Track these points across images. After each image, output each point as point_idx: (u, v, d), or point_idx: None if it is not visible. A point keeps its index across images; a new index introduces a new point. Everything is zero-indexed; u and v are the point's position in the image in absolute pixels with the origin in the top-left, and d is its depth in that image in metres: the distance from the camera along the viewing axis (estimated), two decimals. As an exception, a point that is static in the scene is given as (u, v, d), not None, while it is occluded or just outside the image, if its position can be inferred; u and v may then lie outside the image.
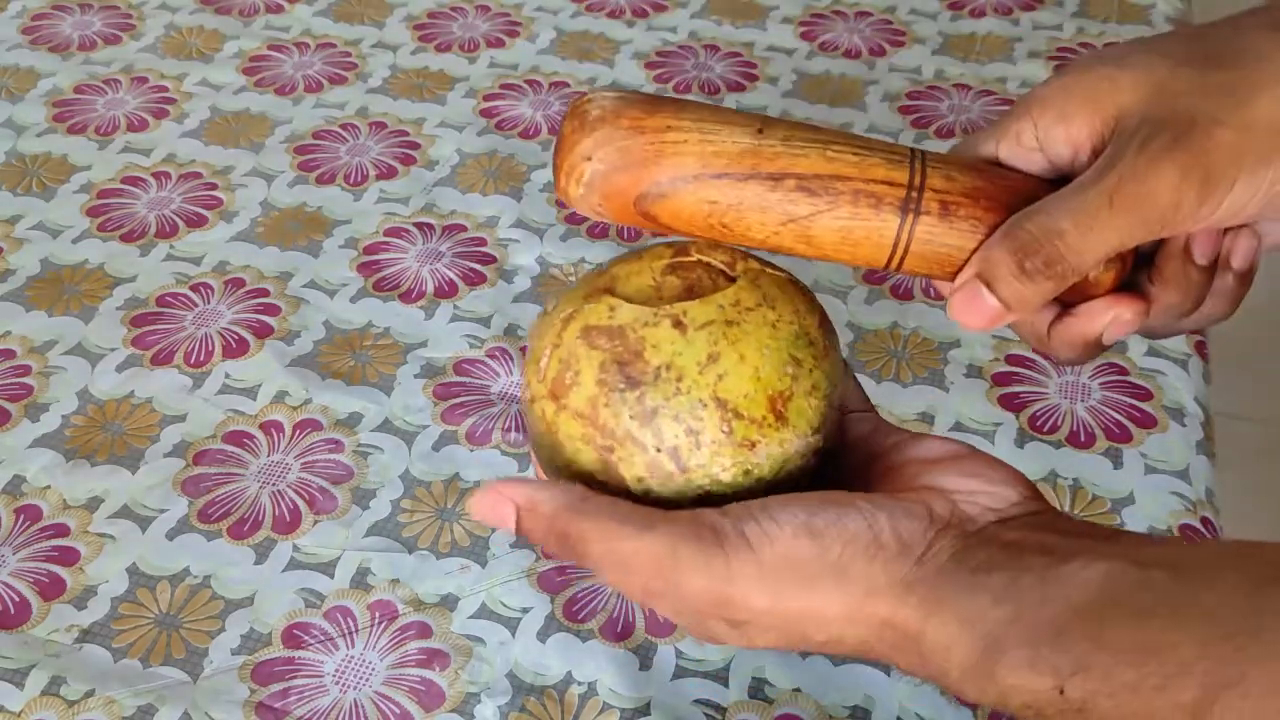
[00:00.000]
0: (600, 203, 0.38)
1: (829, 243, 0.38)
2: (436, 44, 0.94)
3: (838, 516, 0.34)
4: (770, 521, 0.34)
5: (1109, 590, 0.31)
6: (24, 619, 0.55)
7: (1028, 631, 0.32)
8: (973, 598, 0.33)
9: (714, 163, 0.37)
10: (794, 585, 0.34)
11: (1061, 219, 0.37)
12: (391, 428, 0.64)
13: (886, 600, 0.34)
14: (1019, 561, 0.33)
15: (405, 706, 0.52)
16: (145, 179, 0.81)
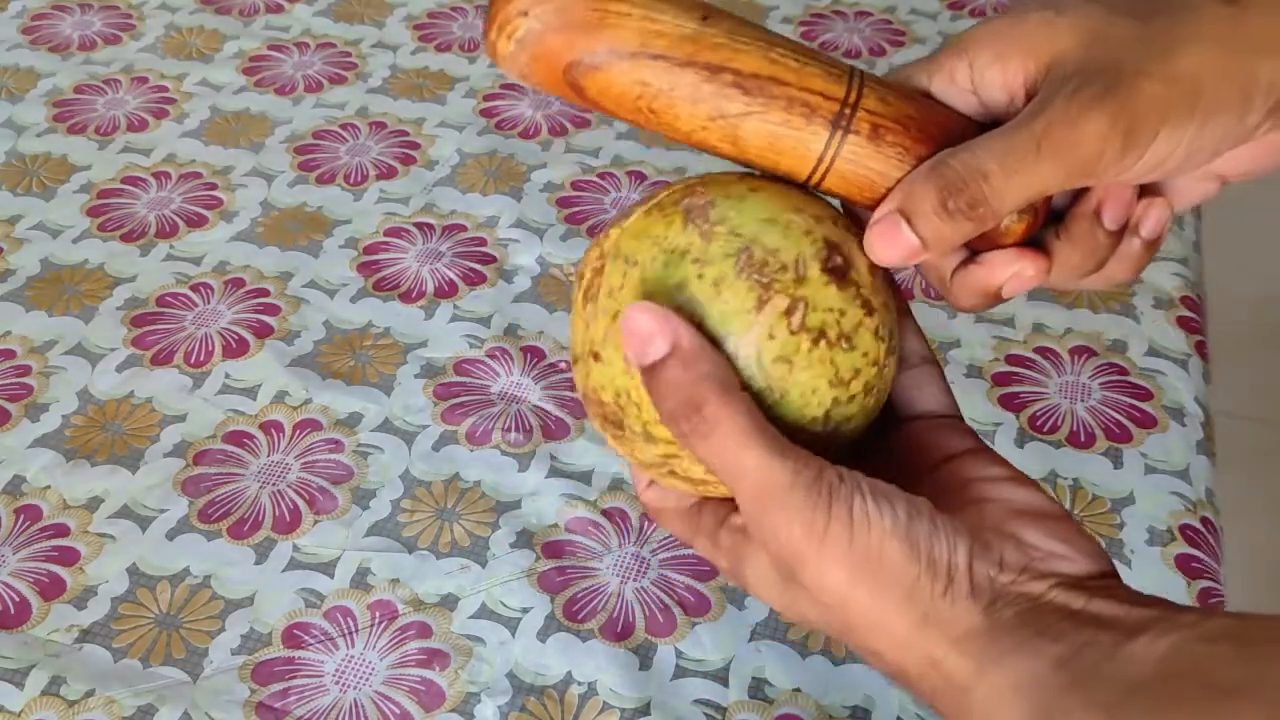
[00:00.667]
0: (528, 63, 0.36)
1: (754, 146, 0.37)
2: (436, 44, 0.94)
3: (929, 534, 0.34)
4: (875, 505, 0.33)
5: (1173, 665, 0.31)
6: (24, 619, 0.55)
7: (1085, 702, 0.31)
8: (1033, 661, 0.32)
9: (654, 42, 0.36)
10: (871, 581, 0.33)
11: (988, 160, 0.37)
12: (391, 428, 0.64)
13: (942, 642, 0.33)
14: (1085, 634, 0.32)
15: (405, 706, 0.52)
16: (145, 179, 0.81)
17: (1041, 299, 0.72)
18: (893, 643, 0.34)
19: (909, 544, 0.33)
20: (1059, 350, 0.69)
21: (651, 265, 0.36)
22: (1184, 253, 0.75)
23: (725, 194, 0.36)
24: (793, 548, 0.33)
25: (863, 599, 0.33)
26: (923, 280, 0.73)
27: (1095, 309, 0.71)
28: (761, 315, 0.35)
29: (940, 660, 0.33)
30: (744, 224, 0.36)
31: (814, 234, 0.36)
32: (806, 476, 0.33)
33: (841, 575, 0.33)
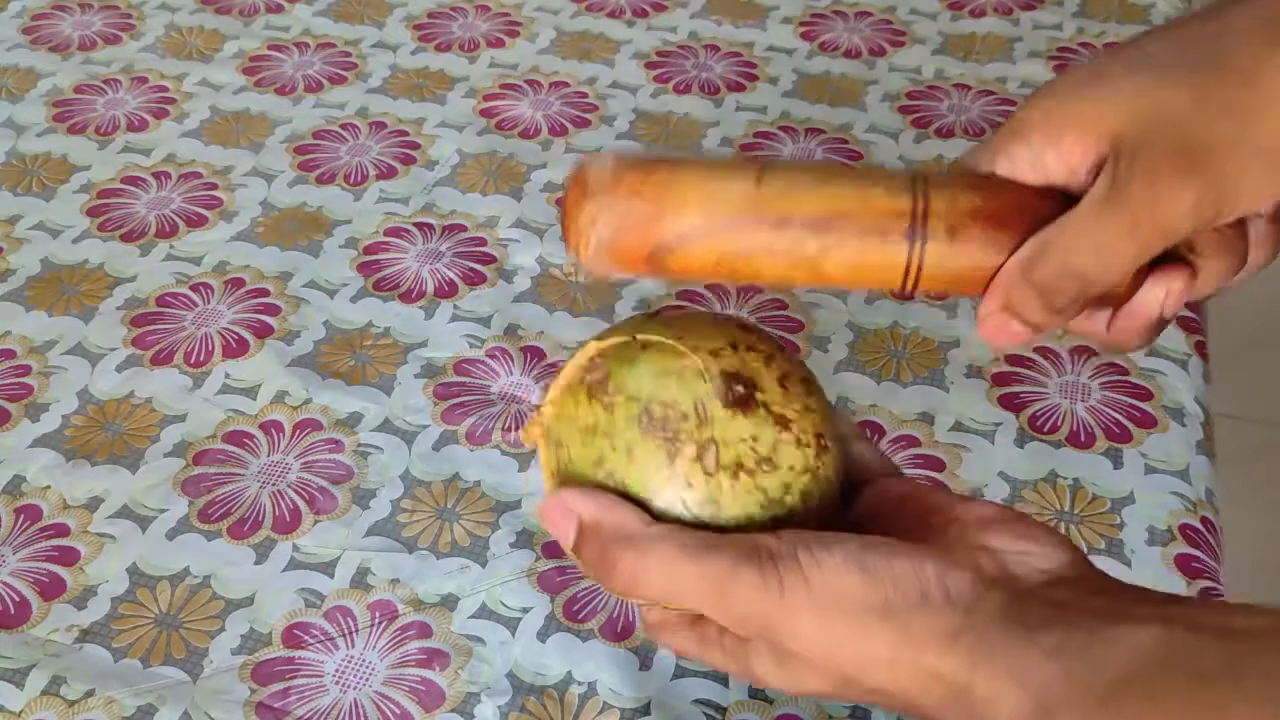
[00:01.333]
0: (613, 262, 0.39)
1: (841, 276, 0.39)
2: (436, 44, 0.94)
3: (887, 557, 0.34)
4: (822, 550, 0.34)
5: (1164, 654, 0.31)
6: (24, 619, 0.55)
7: (1081, 692, 0.31)
8: (1024, 652, 0.32)
9: (718, 216, 0.38)
10: (841, 616, 0.34)
11: (1082, 256, 0.38)
12: (391, 428, 0.64)
13: (933, 650, 0.33)
14: (1070, 620, 0.33)
15: (405, 706, 0.52)
16: (145, 179, 0.81)
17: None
18: (885, 668, 0.34)
19: (865, 570, 0.34)
20: (1059, 350, 0.69)
21: (574, 446, 0.37)
22: (1184, 253, 0.75)
23: (619, 360, 0.38)
24: (761, 620, 0.34)
25: (841, 635, 0.34)
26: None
27: (1095, 309, 0.71)
28: (675, 468, 0.36)
29: (936, 669, 0.33)
30: (639, 386, 0.37)
31: (709, 372, 0.37)
32: (743, 553, 0.34)
33: (813, 622, 0.34)
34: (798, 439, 0.37)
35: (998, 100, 0.88)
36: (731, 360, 0.37)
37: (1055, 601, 0.34)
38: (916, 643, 0.33)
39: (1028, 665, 0.32)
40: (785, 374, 0.38)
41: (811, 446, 0.37)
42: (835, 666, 0.35)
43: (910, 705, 0.35)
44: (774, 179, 0.38)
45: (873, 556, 0.34)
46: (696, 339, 0.37)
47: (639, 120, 0.86)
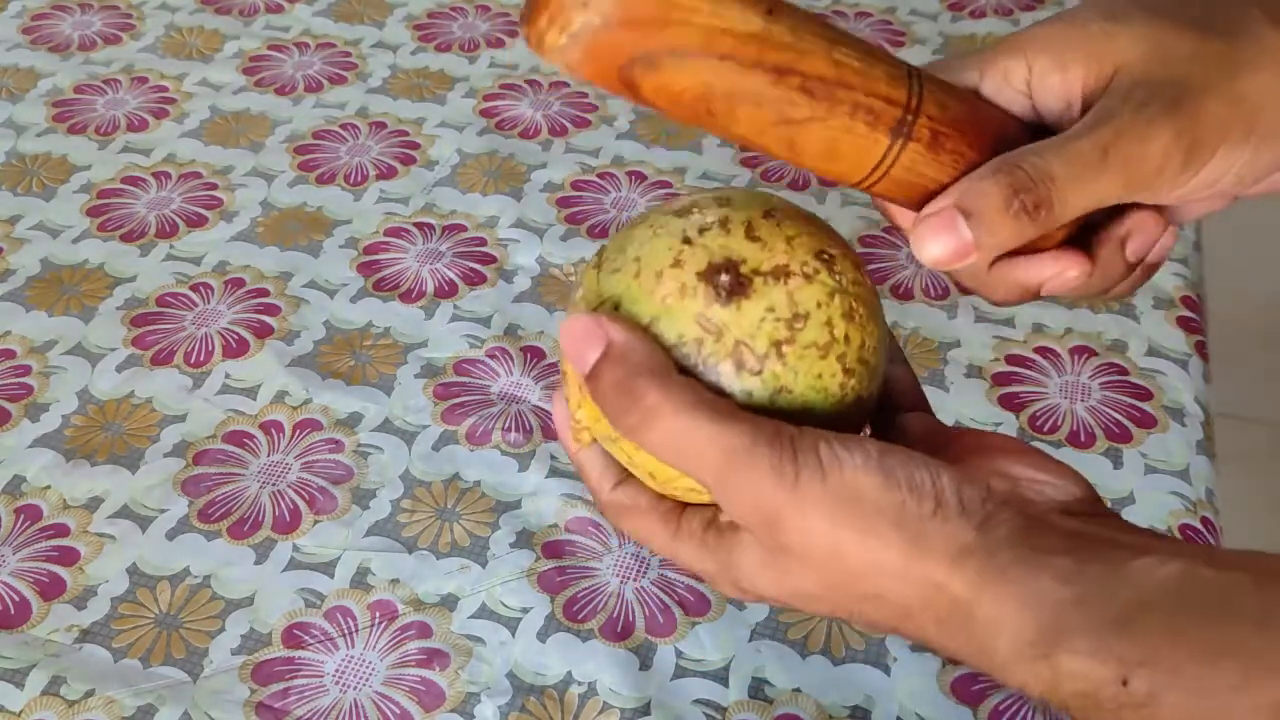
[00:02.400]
0: (580, 58, 0.33)
1: (810, 153, 0.36)
2: (436, 44, 0.94)
3: (905, 462, 0.33)
4: (843, 449, 0.33)
5: (1185, 590, 0.30)
6: (24, 619, 0.55)
7: (1094, 618, 0.30)
8: (1035, 575, 0.31)
9: (720, 41, 0.33)
10: (853, 516, 0.32)
11: (1055, 164, 0.37)
12: (391, 428, 0.64)
13: (941, 562, 0.32)
14: (1085, 549, 0.32)
15: (405, 706, 0.52)
16: (145, 179, 0.81)
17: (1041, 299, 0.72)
18: (891, 576, 0.33)
19: (884, 474, 0.33)
20: (1059, 350, 0.69)
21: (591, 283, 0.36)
22: (1184, 253, 0.75)
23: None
24: (769, 505, 0.33)
25: (850, 539, 0.32)
26: (923, 279, 0.73)
27: (1095, 309, 0.71)
28: (684, 273, 0.34)
29: (942, 583, 0.32)
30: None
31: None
32: (765, 434, 0.33)
33: (822, 519, 0.32)
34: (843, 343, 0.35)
35: (998, 100, 0.88)
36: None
37: (1069, 531, 0.33)
38: (927, 553, 0.32)
39: (1038, 589, 0.31)
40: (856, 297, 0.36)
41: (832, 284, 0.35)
42: (838, 567, 0.33)
43: (904, 616, 0.33)
44: (783, 18, 0.34)
45: (892, 461, 0.33)
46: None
47: (639, 120, 0.86)
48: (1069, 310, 0.71)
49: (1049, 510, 0.33)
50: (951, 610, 0.32)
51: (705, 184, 0.80)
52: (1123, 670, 0.30)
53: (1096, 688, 0.30)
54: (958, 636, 0.33)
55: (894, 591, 0.33)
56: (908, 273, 0.73)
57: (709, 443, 0.33)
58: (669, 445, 0.33)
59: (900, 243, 0.75)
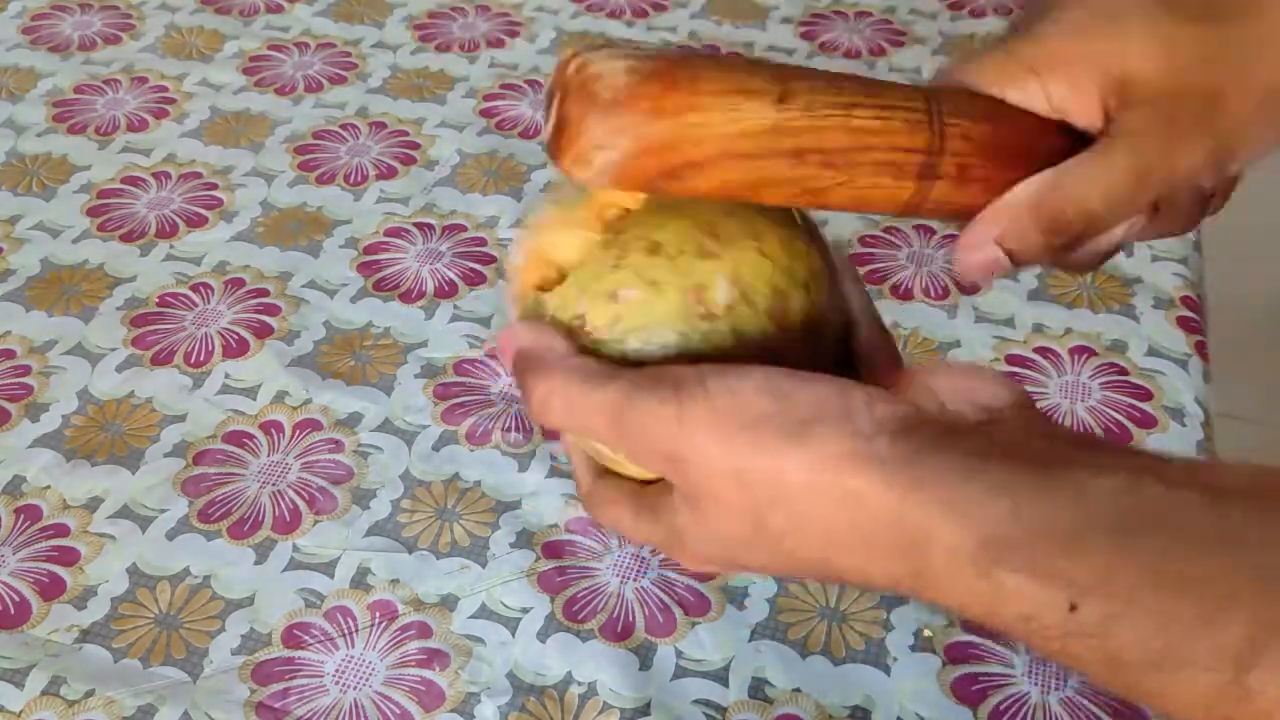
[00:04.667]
0: (609, 184, 0.35)
1: (842, 205, 0.37)
2: (436, 44, 0.94)
3: (808, 382, 0.31)
4: (737, 376, 0.32)
5: (1133, 505, 0.27)
6: (24, 619, 0.55)
7: (1034, 533, 0.28)
8: (962, 482, 0.29)
9: (736, 145, 0.35)
10: (745, 435, 0.31)
11: (1093, 198, 0.37)
12: (391, 428, 0.64)
13: (855, 470, 0.30)
14: (1018, 457, 0.29)
15: (405, 706, 0.52)
16: (145, 179, 0.81)
17: (1041, 299, 0.72)
18: (803, 493, 0.30)
19: (778, 394, 0.31)
20: (1059, 350, 0.69)
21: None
22: (1184, 253, 0.75)
23: None
24: (663, 444, 0.32)
25: (746, 456, 0.31)
26: (923, 279, 0.73)
27: (1095, 309, 0.71)
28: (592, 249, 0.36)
29: (860, 492, 0.30)
30: None
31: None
32: (644, 380, 0.32)
33: (715, 443, 0.31)
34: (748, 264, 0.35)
35: (998, 100, 0.88)
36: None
37: (999, 439, 0.30)
38: (835, 461, 0.30)
39: (967, 498, 0.28)
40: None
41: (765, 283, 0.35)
42: (748, 497, 0.31)
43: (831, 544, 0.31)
44: (796, 100, 0.35)
45: (791, 381, 0.31)
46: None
47: (639, 120, 0.86)
48: (1069, 310, 0.71)
49: (977, 421, 0.31)
50: (875, 526, 0.30)
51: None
52: (1070, 594, 0.27)
53: (1041, 611, 0.28)
54: (889, 556, 0.30)
55: (813, 515, 0.31)
56: (908, 273, 0.73)
57: (596, 408, 0.33)
58: (568, 424, 0.34)
59: (900, 243, 0.76)
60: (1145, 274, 0.73)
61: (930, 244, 0.76)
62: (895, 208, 0.38)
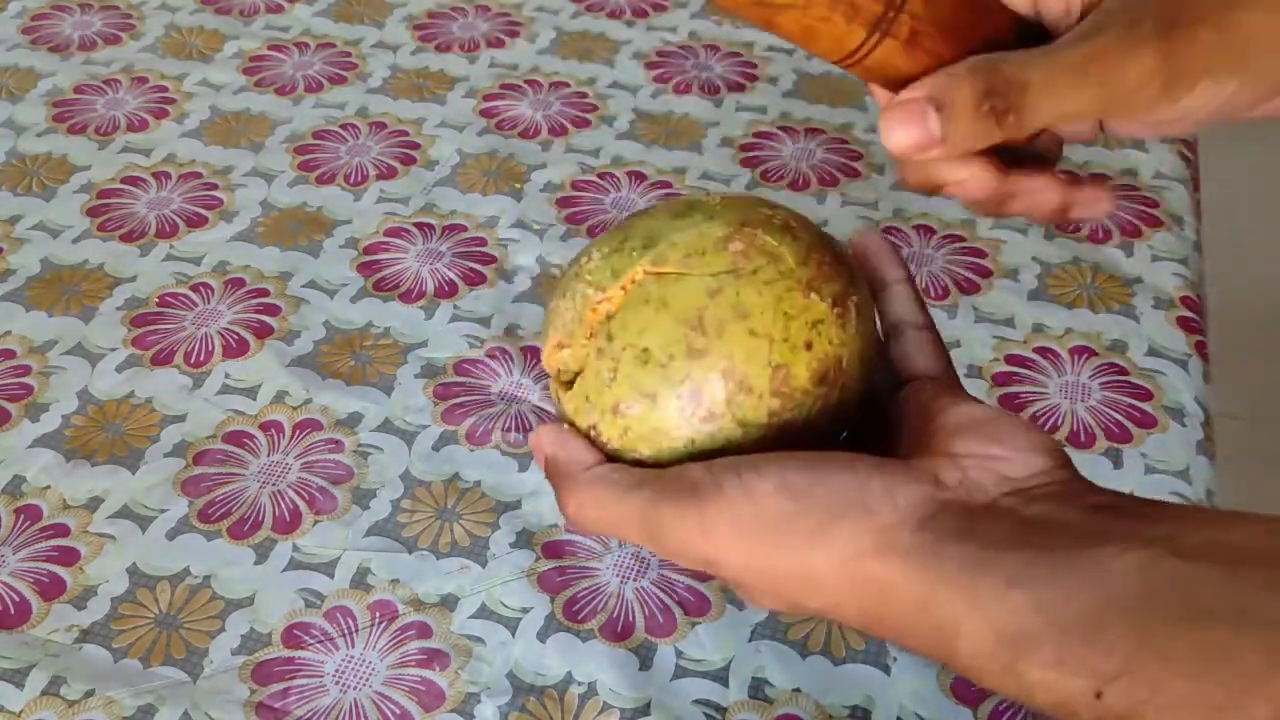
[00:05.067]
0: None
1: (788, 31, 0.37)
2: (436, 44, 0.94)
3: (825, 476, 0.32)
4: (753, 475, 0.32)
5: (1150, 585, 0.28)
6: (24, 619, 0.55)
7: (1055, 623, 0.28)
8: (983, 576, 0.29)
9: None
10: (767, 542, 0.32)
11: (1033, 72, 0.36)
12: (391, 428, 0.64)
13: (879, 564, 0.31)
14: (1039, 541, 0.30)
15: (405, 706, 0.52)
16: (145, 179, 0.81)
17: (1041, 299, 0.72)
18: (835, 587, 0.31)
19: (793, 495, 0.32)
20: (1059, 350, 0.69)
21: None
22: (1184, 253, 0.75)
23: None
24: (691, 554, 0.33)
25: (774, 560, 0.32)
26: (923, 279, 0.73)
27: (1095, 309, 0.71)
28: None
29: (887, 582, 0.31)
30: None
31: None
32: (666, 487, 0.34)
33: (737, 551, 0.32)
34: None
35: (998, 100, 0.88)
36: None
37: (1021, 518, 0.31)
38: (858, 556, 0.31)
39: (987, 592, 0.29)
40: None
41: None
42: (779, 588, 0.33)
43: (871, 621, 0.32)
44: None
45: (806, 476, 0.32)
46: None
47: (639, 120, 0.86)
48: (1069, 310, 0.71)
49: (1001, 494, 0.32)
50: (905, 614, 0.31)
51: (705, 184, 0.80)
52: (1095, 683, 0.28)
53: (1070, 699, 0.28)
54: (922, 639, 0.31)
55: (845, 601, 0.32)
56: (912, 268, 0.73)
57: (623, 519, 0.34)
58: (603, 531, 0.36)
59: (900, 243, 0.75)
60: (1145, 274, 0.73)
61: (930, 244, 0.76)
62: (838, 53, 0.37)
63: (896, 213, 0.78)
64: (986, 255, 0.75)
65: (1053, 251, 0.75)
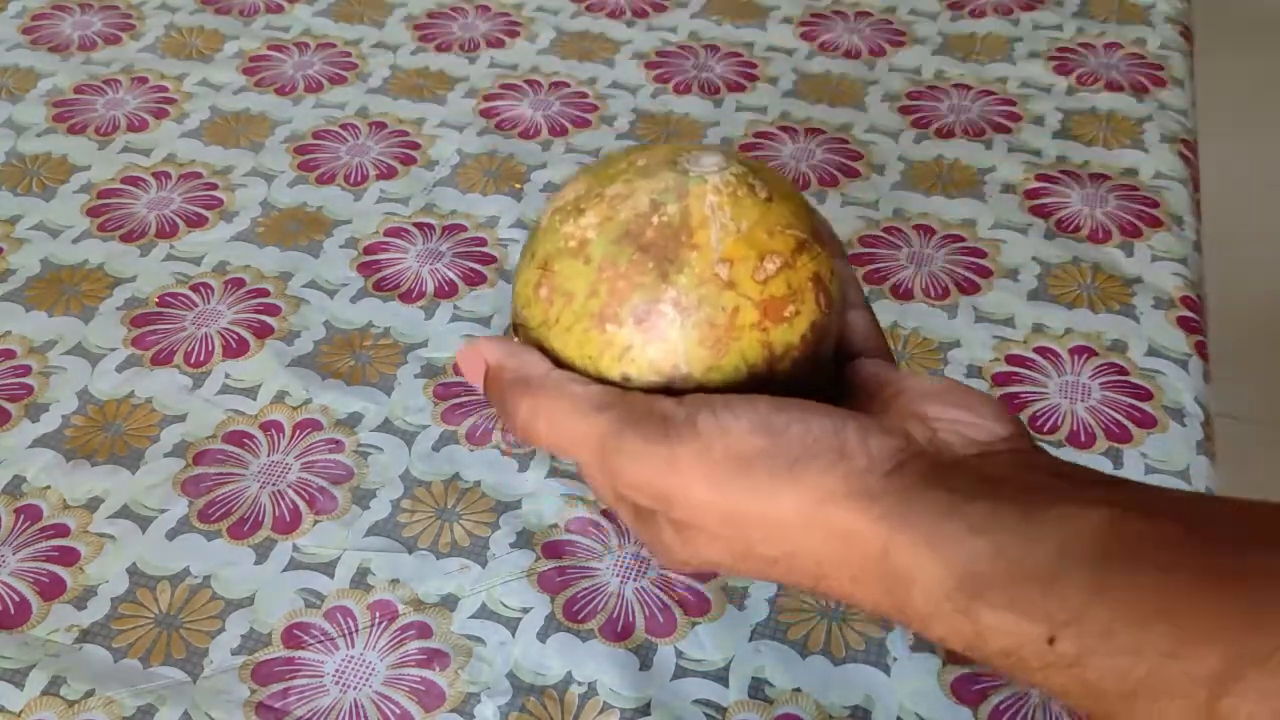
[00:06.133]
0: None
1: None
2: (436, 44, 0.94)
3: (802, 417, 0.31)
4: (728, 414, 0.32)
5: (1112, 539, 0.28)
6: (24, 619, 0.55)
7: (1014, 570, 0.28)
8: (946, 521, 0.29)
9: None
10: (738, 479, 0.31)
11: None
12: (391, 428, 0.64)
13: (844, 509, 0.30)
14: (1002, 494, 0.30)
15: (405, 706, 0.52)
16: (145, 179, 0.81)
17: (1041, 299, 0.72)
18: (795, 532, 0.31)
19: (773, 433, 0.31)
20: (1059, 350, 0.69)
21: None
22: (1184, 253, 0.75)
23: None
24: (651, 486, 0.32)
25: (742, 501, 0.31)
26: (923, 279, 0.73)
27: (1095, 309, 0.71)
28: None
29: (848, 530, 0.30)
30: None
31: None
32: (634, 414, 0.32)
33: (708, 490, 0.31)
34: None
35: (998, 100, 0.88)
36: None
37: (986, 475, 0.31)
38: (828, 499, 0.31)
39: (950, 537, 0.29)
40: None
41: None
42: (735, 532, 0.32)
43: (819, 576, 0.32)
44: None
45: (784, 417, 0.31)
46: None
47: (639, 120, 0.86)
48: (1069, 310, 0.71)
49: (968, 455, 0.32)
50: (863, 562, 0.31)
51: (705, 184, 0.80)
52: (1049, 628, 0.28)
53: (1020, 644, 0.28)
54: (874, 590, 0.31)
55: (803, 548, 0.31)
56: (908, 273, 0.73)
57: (580, 438, 0.33)
58: (550, 445, 0.34)
59: (900, 243, 0.76)
60: (1145, 274, 0.73)
61: (930, 244, 0.76)
62: None
63: (896, 213, 0.78)
64: (986, 255, 0.75)
65: (1053, 251, 0.75)
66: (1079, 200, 0.79)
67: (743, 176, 0.36)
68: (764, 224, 0.35)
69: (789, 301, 0.35)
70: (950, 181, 0.81)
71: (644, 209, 0.35)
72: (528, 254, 0.38)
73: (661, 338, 0.34)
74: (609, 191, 0.36)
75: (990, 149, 0.84)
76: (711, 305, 0.34)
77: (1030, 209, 0.78)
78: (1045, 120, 0.86)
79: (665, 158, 0.37)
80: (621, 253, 0.34)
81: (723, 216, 0.35)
